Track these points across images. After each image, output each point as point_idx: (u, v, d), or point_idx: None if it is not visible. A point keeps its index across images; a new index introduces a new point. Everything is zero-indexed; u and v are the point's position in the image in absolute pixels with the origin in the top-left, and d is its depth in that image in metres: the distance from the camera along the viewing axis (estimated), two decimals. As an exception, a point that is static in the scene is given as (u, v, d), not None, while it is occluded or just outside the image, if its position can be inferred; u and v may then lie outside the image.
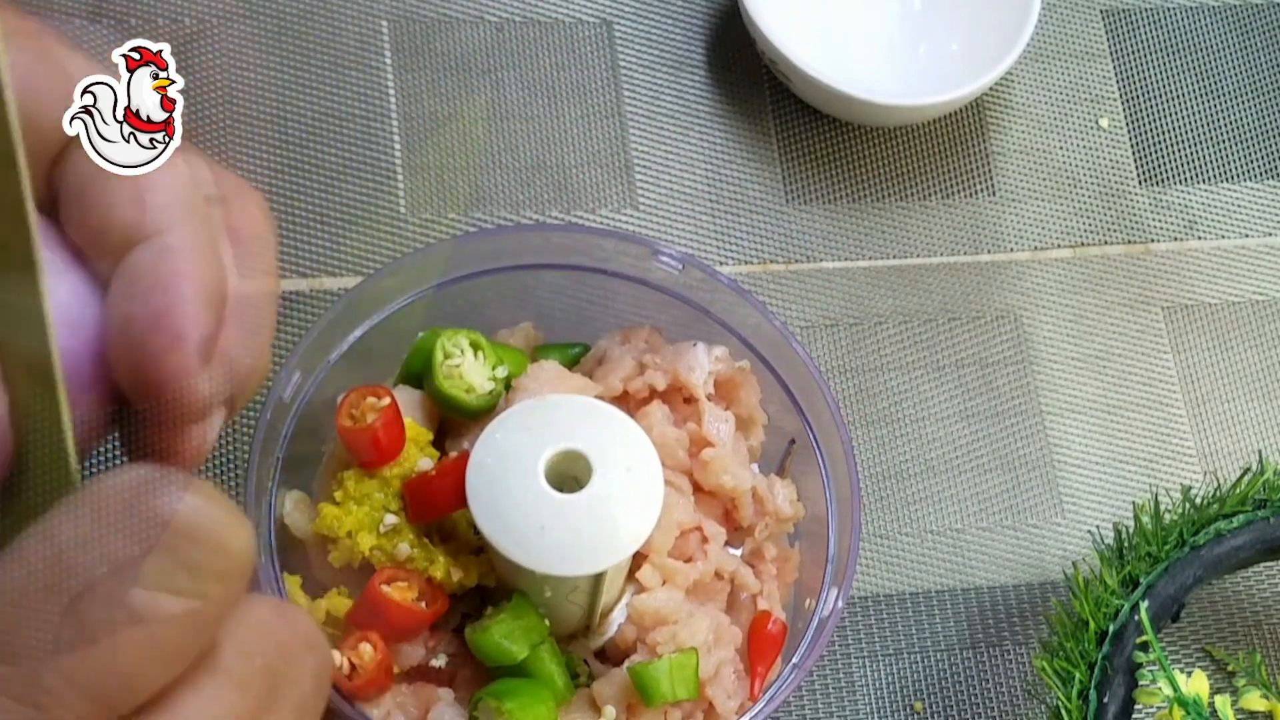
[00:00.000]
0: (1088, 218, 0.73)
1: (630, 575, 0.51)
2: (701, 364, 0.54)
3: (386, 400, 0.49)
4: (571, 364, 0.56)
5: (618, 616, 0.51)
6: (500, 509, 0.46)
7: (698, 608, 0.52)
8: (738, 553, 0.55)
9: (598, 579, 0.47)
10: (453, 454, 0.50)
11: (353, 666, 0.47)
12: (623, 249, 0.56)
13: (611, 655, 0.52)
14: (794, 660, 0.50)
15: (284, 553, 0.49)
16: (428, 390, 0.52)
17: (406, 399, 0.51)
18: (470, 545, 0.49)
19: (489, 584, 0.50)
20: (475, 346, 0.52)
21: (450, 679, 0.50)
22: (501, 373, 0.52)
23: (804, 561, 0.56)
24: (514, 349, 0.55)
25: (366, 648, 0.47)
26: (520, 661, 0.48)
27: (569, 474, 0.47)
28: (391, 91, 0.70)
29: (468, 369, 0.52)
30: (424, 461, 0.50)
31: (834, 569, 0.52)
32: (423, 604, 0.48)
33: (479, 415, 0.51)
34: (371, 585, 0.47)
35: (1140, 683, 0.55)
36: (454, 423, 0.53)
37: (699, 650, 0.50)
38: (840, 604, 0.50)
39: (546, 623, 0.49)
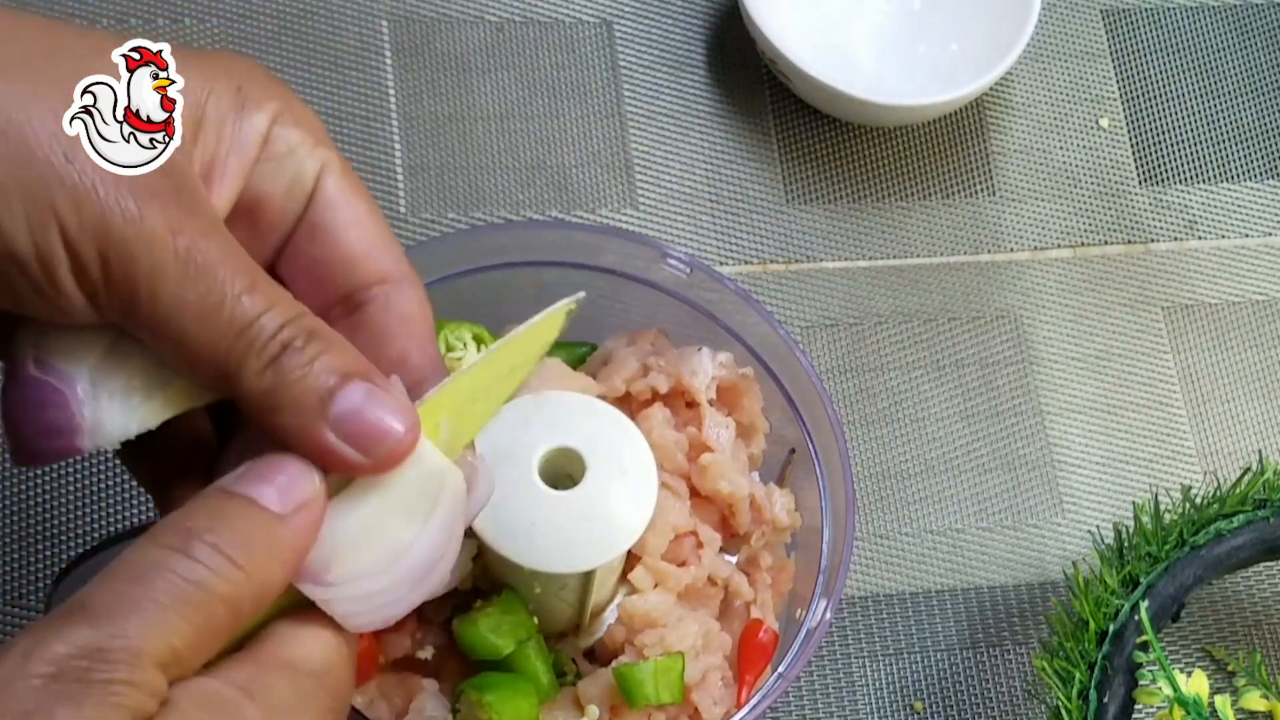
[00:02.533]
0: (1088, 218, 0.73)
1: (623, 577, 0.51)
2: (705, 369, 0.54)
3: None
4: (578, 363, 0.56)
5: (609, 617, 0.51)
6: (492, 503, 0.45)
7: (688, 612, 0.51)
8: (733, 560, 0.55)
9: (587, 577, 0.47)
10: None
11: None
12: (631, 250, 0.56)
13: (601, 655, 0.51)
14: (780, 669, 0.50)
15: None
16: (428, 386, 0.52)
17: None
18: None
19: (483, 586, 0.50)
20: (478, 340, 0.52)
21: (436, 670, 0.50)
22: (503, 368, 0.52)
23: (799, 572, 0.55)
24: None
25: None
26: (505, 656, 0.48)
27: (564, 471, 0.47)
28: (391, 91, 0.70)
29: (469, 363, 0.51)
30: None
31: (825, 580, 0.52)
32: None
33: (479, 411, 0.51)
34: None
35: (1140, 683, 0.55)
36: (454, 418, 0.53)
37: (686, 655, 0.49)
38: (829, 616, 0.50)
39: (534, 619, 0.49)
